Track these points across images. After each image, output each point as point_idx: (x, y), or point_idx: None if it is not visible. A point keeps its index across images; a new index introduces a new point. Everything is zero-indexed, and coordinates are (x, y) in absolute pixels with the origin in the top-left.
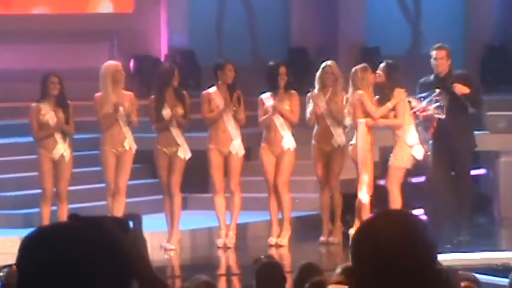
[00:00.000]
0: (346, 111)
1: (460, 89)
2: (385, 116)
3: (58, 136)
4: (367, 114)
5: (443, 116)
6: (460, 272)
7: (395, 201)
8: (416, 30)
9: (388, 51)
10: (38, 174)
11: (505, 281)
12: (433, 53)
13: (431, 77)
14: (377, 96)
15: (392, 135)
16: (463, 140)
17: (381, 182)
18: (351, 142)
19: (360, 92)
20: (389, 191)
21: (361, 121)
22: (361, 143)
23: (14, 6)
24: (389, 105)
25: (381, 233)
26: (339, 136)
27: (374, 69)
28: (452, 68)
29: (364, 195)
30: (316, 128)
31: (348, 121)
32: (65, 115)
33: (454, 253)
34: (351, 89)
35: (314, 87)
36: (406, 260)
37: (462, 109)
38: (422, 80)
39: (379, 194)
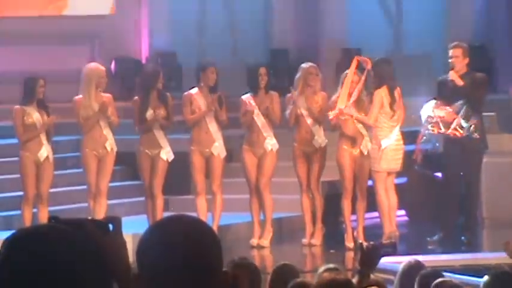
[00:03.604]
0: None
1: (454, 76)
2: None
3: (43, 137)
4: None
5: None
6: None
7: (381, 204)
8: (398, 31)
9: (369, 52)
10: (20, 177)
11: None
12: (450, 51)
13: (449, 75)
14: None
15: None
16: (473, 142)
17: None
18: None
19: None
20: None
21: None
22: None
23: None
24: (375, 111)
25: (167, 238)
26: (319, 137)
27: (361, 70)
28: (470, 67)
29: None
30: (296, 129)
31: None
32: (48, 117)
33: (437, 254)
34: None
35: (294, 88)
36: (194, 263)
37: (473, 111)
38: (440, 78)
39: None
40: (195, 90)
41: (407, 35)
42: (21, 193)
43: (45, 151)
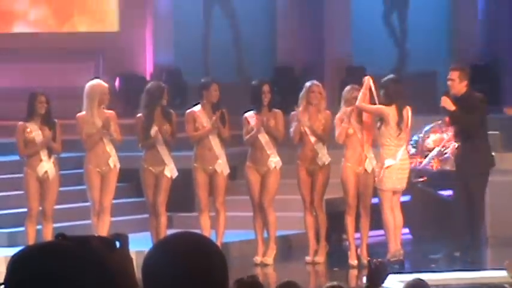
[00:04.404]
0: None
1: (445, 102)
2: (371, 126)
3: (43, 153)
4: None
5: (449, 169)
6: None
7: (387, 222)
8: (402, 49)
9: (374, 70)
10: (24, 193)
11: None
12: (449, 72)
13: (441, 101)
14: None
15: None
16: (474, 162)
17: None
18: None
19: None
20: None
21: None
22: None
23: None
24: (370, 106)
25: (172, 255)
26: (323, 155)
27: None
28: (470, 89)
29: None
30: (300, 147)
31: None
32: (51, 133)
33: (442, 272)
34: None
35: (298, 106)
36: (199, 279)
37: (474, 131)
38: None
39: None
40: (197, 108)
41: (411, 53)
42: (25, 210)
43: (44, 166)
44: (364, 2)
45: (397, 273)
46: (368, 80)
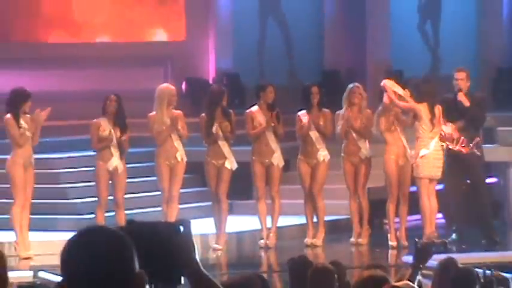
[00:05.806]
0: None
1: (462, 97)
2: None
3: (114, 150)
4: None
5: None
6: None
7: (424, 207)
8: (435, 55)
9: (410, 74)
10: (95, 184)
11: None
12: (455, 74)
13: (452, 95)
14: None
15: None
16: (482, 152)
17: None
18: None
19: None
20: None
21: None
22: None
23: (81, 35)
24: (408, 104)
25: (87, 247)
26: (365, 149)
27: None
28: (470, 89)
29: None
30: (345, 142)
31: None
32: (121, 133)
33: (472, 253)
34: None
35: (342, 106)
36: (111, 267)
37: (475, 129)
38: (444, 96)
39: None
40: (255, 108)
41: (443, 58)
42: (96, 198)
43: (114, 162)
44: (401, 13)
45: (441, 253)
46: (384, 85)
